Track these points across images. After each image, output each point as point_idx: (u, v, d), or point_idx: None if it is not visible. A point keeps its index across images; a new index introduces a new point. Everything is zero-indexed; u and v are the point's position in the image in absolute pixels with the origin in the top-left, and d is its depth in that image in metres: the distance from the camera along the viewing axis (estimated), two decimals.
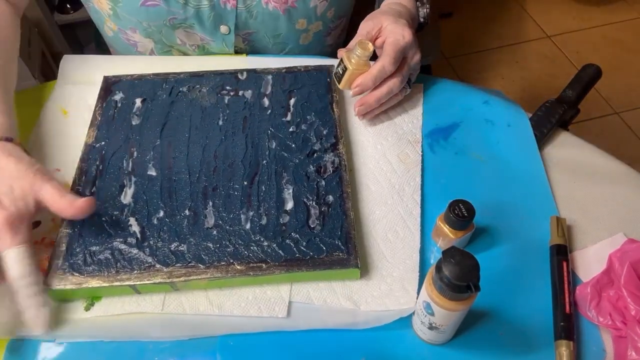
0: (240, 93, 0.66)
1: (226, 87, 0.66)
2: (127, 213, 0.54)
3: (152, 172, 0.57)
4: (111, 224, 0.53)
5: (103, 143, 0.60)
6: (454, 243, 0.52)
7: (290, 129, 0.62)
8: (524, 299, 0.52)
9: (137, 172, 0.57)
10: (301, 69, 0.68)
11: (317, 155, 0.59)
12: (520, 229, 0.56)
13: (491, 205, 0.57)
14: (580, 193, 0.60)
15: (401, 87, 0.63)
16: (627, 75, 1.80)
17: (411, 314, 0.49)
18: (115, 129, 0.61)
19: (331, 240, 0.52)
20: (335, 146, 0.60)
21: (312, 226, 0.53)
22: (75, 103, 0.66)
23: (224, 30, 0.71)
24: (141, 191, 0.56)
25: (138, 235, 0.52)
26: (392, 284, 0.52)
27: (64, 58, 0.70)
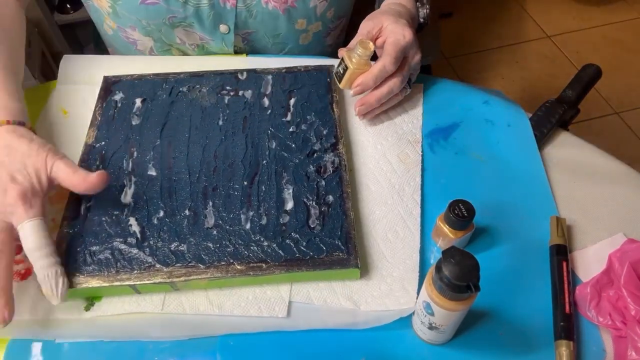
0: (240, 93, 0.66)
1: (226, 87, 0.66)
2: (127, 213, 0.54)
3: (152, 172, 0.57)
4: (111, 224, 0.53)
5: (103, 143, 0.60)
6: (454, 243, 0.52)
7: (290, 129, 0.62)
8: (524, 299, 0.52)
9: (137, 172, 0.57)
10: (301, 69, 0.68)
11: (317, 155, 0.59)
12: (520, 229, 0.56)
13: (491, 205, 0.57)
14: (580, 193, 0.60)
15: (402, 87, 0.63)
16: (627, 75, 1.80)
17: (411, 314, 0.49)
18: (115, 129, 0.61)
19: (331, 240, 0.52)
20: (335, 146, 0.60)
21: (312, 226, 0.53)
22: (75, 103, 0.66)
23: (224, 29, 0.71)
24: (141, 191, 0.56)
25: (138, 235, 0.52)
26: (392, 284, 0.52)
27: (64, 58, 0.70)
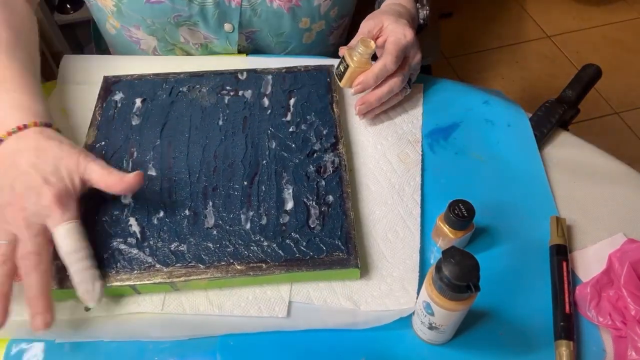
0: (240, 93, 0.66)
1: (226, 87, 0.66)
2: (127, 213, 0.54)
3: (152, 172, 0.57)
4: (111, 224, 0.53)
5: (103, 143, 0.60)
6: (454, 243, 0.52)
7: (290, 129, 0.62)
8: (524, 299, 0.52)
9: None
10: (301, 69, 0.68)
11: (317, 155, 0.59)
12: (520, 229, 0.56)
13: (491, 205, 0.57)
14: (580, 193, 0.60)
15: (402, 87, 0.63)
16: (627, 75, 1.80)
17: (411, 314, 0.49)
18: (115, 129, 0.61)
19: (331, 240, 0.52)
20: (335, 146, 0.60)
21: (312, 226, 0.53)
22: (75, 103, 0.66)
23: (228, 28, 0.71)
24: (141, 191, 0.56)
25: (138, 235, 0.52)
26: (392, 284, 0.52)
27: (64, 58, 0.70)
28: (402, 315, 0.49)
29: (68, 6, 1.47)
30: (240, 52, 0.75)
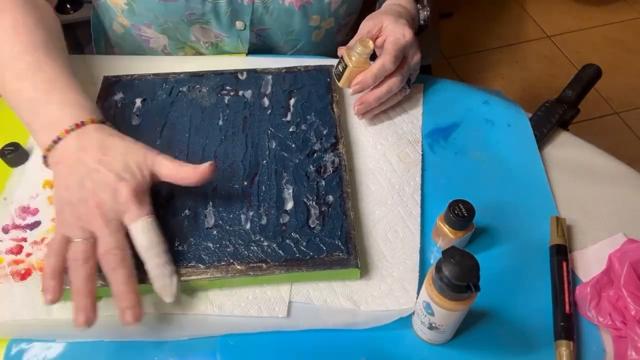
0: (240, 93, 0.66)
1: (226, 87, 0.66)
2: None
3: None
4: None
5: None
6: (454, 243, 0.52)
7: (290, 129, 0.62)
8: (524, 299, 0.52)
9: None
10: (301, 69, 0.68)
11: (317, 155, 0.59)
12: (520, 229, 0.56)
13: (491, 205, 0.57)
14: (580, 193, 0.60)
15: (401, 87, 0.63)
16: (627, 75, 1.80)
17: (411, 314, 0.49)
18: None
19: (331, 240, 0.52)
20: (335, 146, 0.60)
21: (312, 226, 0.53)
22: None
23: (240, 26, 0.71)
24: None
25: None
26: (392, 284, 0.52)
27: None
28: (402, 315, 0.49)
29: (68, 6, 1.47)
30: (249, 51, 0.75)
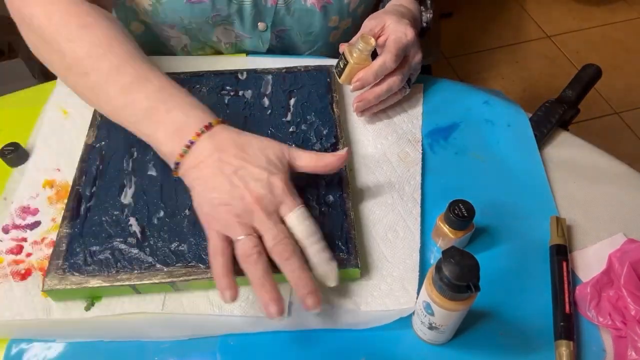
0: (240, 93, 0.66)
1: (226, 87, 0.66)
2: (127, 213, 0.54)
3: (152, 172, 0.57)
4: (111, 224, 0.53)
5: (103, 143, 0.60)
6: (454, 243, 0.52)
7: (290, 129, 0.62)
8: (524, 299, 0.52)
9: (137, 172, 0.57)
10: (301, 69, 0.68)
11: None
12: (520, 229, 0.56)
13: (491, 205, 0.57)
14: (580, 193, 0.60)
15: (401, 86, 0.63)
16: (627, 75, 1.80)
17: (411, 314, 0.49)
18: (115, 129, 0.61)
19: (331, 240, 0.52)
20: (335, 146, 0.60)
21: None
22: (75, 103, 0.66)
23: (262, 27, 0.71)
24: (141, 191, 0.56)
25: (138, 235, 0.52)
26: (392, 284, 0.52)
27: None
28: (402, 315, 0.49)
29: None
30: (269, 51, 0.75)
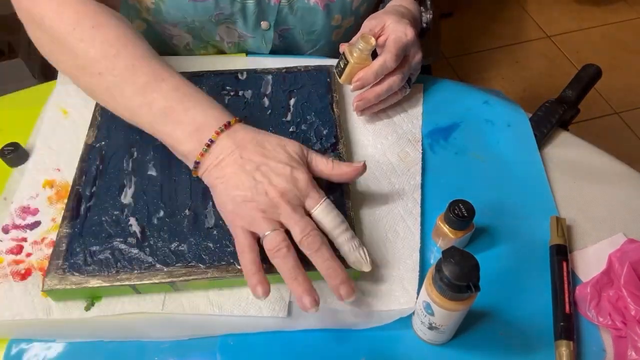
0: (240, 93, 0.66)
1: (226, 87, 0.66)
2: (127, 213, 0.54)
3: (152, 172, 0.57)
4: (111, 224, 0.53)
5: (103, 143, 0.60)
6: (454, 243, 0.52)
7: (290, 129, 0.62)
8: (524, 299, 0.52)
9: (137, 172, 0.57)
10: (301, 69, 0.68)
11: None
12: (520, 229, 0.56)
13: (491, 205, 0.57)
14: (580, 193, 0.60)
15: (401, 85, 0.63)
16: (627, 75, 1.80)
17: (411, 314, 0.49)
18: (115, 129, 0.61)
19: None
20: (335, 146, 0.60)
21: None
22: (75, 103, 0.66)
23: (265, 26, 0.71)
24: (141, 191, 0.56)
25: (138, 235, 0.52)
26: (392, 284, 0.52)
27: None
28: (402, 315, 0.49)
29: None
30: (270, 51, 0.75)
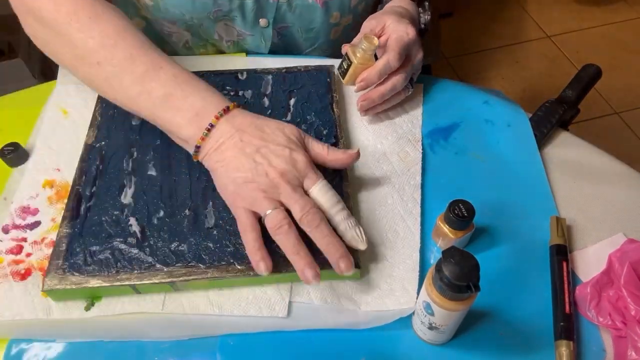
0: (240, 93, 0.66)
1: (226, 87, 0.66)
2: (127, 213, 0.54)
3: (152, 172, 0.57)
4: (111, 224, 0.53)
5: (103, 143, 0.60)
6: (454, 243, 0.52)
7: None
8: (524, 299, 0.52)
9: (137, 172, 0.57)
10: (301, 69, 0.68)
11: None
12: (520, 229, 0.56)
13: (491, 205, 0.57)
14: (580, 193, 0.60)
15: (405, 84, 0.63)
16: (627, 75, 1.80)
17: (411, 314, 0.49)
18: (115, 129, 0.61)
19: None
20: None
21: None
22: (75, 103, 0.66)
23: (263, 23, 0.71)
24: (141, 191, 0.56)
25: (138, 235, 0.52)
26: (392, 284, 0.52)
27: None
28: (402, 315, 0.49)
29: None
30: (269, 50, 0.75)
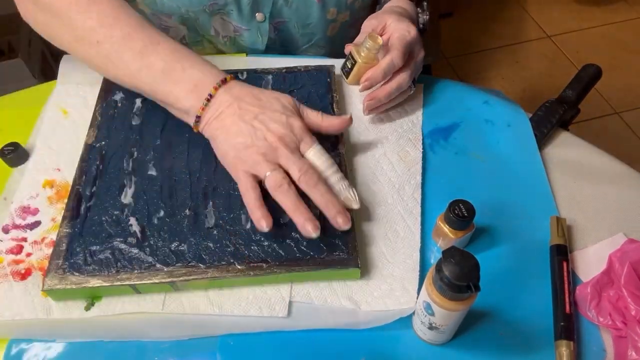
0: None
1: None
2: (128, 213, 0.54)
3: (153, 172, 0.57)
4: (111, 224, 0.53)
5: (103, 143, 0.60)
6: (454, 243, 0.52)
7: None
8: (524, 299, 0.52)
9: (138, 172, 0.57)
10: (301, 69, 0.68)
11: None
12: (520, 229, 0.56)
13: (491, 205, 0.57)
14: (580, 193, 0.60)
15: (409, 83, 0.63)
16: (627, 75, 1.80)
17: (411, 314, 0.49)
18: (115, 129, 0.61)
19: (331, 240, 0.52)
20: (335, 146, 0.60)
21: None
22: (75, 103, 0.66)
23: (260, 17, 0.71)
24: (141, 191, 0.56)
25: (138, 235, 0.52)
26: (393, 284, 0.52)
27: (64, 58, 0.70)
28: (403, 315, 0.49)
29: None
30: (266, 47, 0.75)
